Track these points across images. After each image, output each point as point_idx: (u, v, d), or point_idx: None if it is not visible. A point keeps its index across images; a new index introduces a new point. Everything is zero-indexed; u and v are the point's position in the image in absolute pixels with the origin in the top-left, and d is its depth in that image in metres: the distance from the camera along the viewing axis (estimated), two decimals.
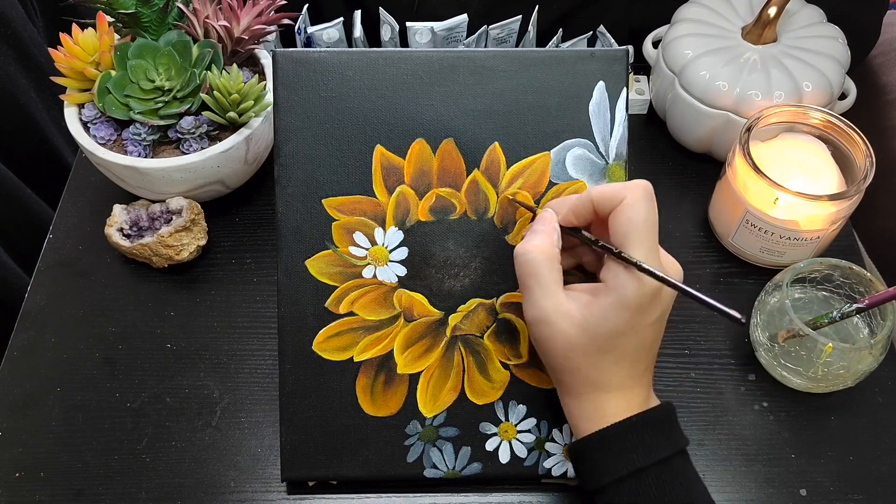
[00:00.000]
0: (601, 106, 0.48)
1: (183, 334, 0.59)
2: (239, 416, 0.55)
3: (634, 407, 0.43)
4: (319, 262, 0.48)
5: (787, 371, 0.54)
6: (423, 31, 0.69)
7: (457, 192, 0.48)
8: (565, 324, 0.41)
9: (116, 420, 0.54)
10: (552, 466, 0.50)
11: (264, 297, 0.60)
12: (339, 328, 0.49)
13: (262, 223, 0.65)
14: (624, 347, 0.42)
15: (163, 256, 0.59)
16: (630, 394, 0.43)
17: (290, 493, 0.52)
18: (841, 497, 0.51)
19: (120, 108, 0.58)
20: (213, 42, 0.59)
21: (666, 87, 0.66)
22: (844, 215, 0.57)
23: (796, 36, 0.64)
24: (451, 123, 0.48)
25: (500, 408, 0.50)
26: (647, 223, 0.41)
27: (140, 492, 0.51)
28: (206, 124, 0.58)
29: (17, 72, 0.77)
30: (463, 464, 0.50)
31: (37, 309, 0.60)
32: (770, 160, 0.60)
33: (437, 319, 0.49)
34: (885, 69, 0.79)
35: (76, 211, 0.66)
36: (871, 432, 0.54)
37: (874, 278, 0.53)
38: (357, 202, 0.48)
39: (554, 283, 0.42)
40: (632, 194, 0.41)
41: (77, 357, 0.57)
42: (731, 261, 0.63)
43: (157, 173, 0.57)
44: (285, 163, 0.48)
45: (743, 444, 0.53)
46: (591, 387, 0.43)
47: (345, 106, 0.48)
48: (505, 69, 0.48)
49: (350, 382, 0.49)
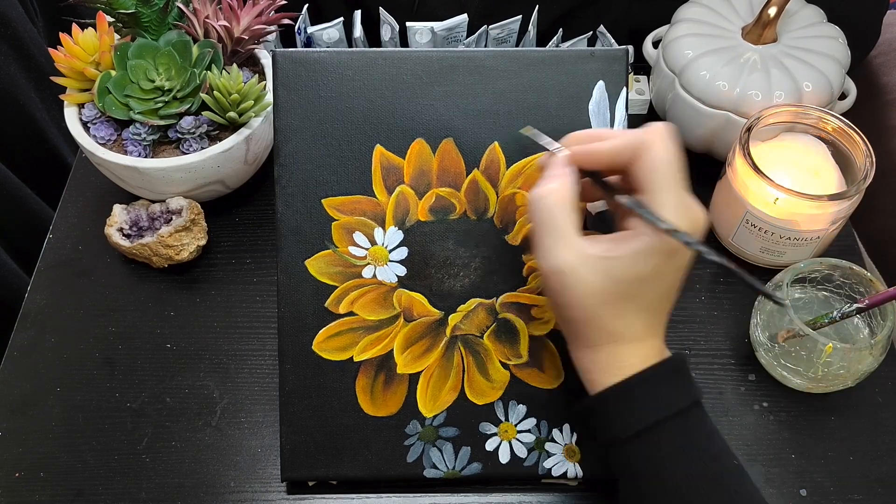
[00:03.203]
0: (601, 106, 0.48)
1: (183, 334, 0.59)
2: (239, 416, 0.55)
3: (650, 358, 0.41)
4: (319, 262, 0.48)
5: (787, 371, 0.54)
6: (423, 31, 0.69)
7: (457, 192, 0.48)
8: (586, 270, 0.39)
9: (116, 420, 0.54)
10: (552, 466, 0.50)
11: (264, 297, 0.60)
12: (339, 328, 0.49)
13: (262, 223, 0.65)
14: (647, 295, 0.40)
15: (163, 256, 0.59)
16: (647, 345, 0.42)
17: (290, 493, 0.52)
18: (841, 497, 0.51)
19: (120, 108, 0.58)
20: (213, 42, 0.59)
21: (666, 87, 0.66)
22: (844, 215, 0.57)
23: (796, 36, 0.64)
24: (450, 123, 0.48)
25: (500, 408, 0.50)
26: (671, 165, 0.40)
27: (140, 492, 0.51)
28: (206, 124, 0.58)
29: (17, 72, 0.77)
30: (463, 464, 0.50)
31: (37, 309, 0.60)
32: (770, 160, 0.60)
33: (436, 319, 0.49)
34: (885, 69, 0.79)
35: (76, 211, 0.66)
36: (871, 432, 0.54)
37: (874, 278, 0.53)
38: (357, 202, 0.48)
39: (573, 228, 0.40)
40: (652, 136, 0.40)
41: (77, 357, 0.57)
42: (731, 261, 0.63)
43: (157, 173, 0.57)
44: (285, 163, 0.48)
45: (743, 444, 0.53)
46: (608, 336, 0.41)
47: (344, 106, 0.48)
48: (505, 69, 0.48)
49: (350, 382, 0.49)
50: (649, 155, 0.40)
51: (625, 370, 0.41)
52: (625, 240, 0.40)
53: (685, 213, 0.39)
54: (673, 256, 0.40)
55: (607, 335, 0.41)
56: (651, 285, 0.40)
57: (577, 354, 0.44)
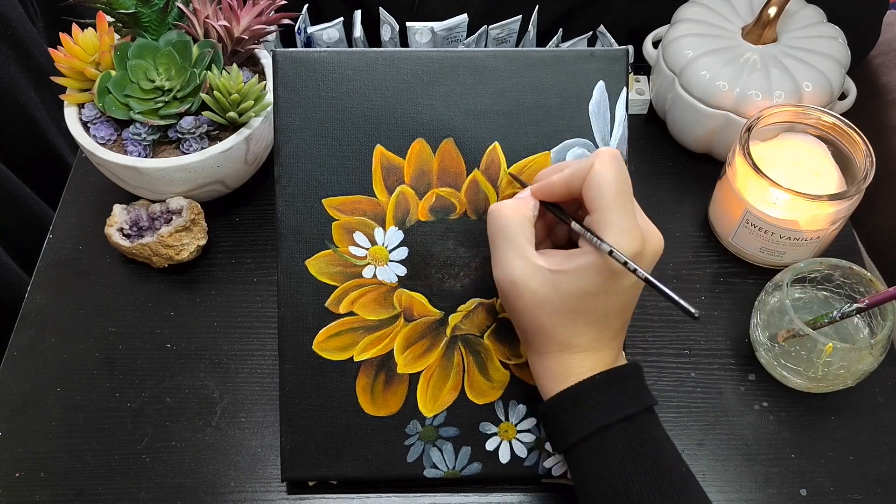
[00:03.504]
0: (601, 106, 0.48)
1: (183, 334, 0.59)
2: (239, 416, 0.55)
3: (600, 367, 0.43)
4: (319, 262, 0.48)
5: (787, 371, 0.54)
6: (423, 31, 0.69)
7: (457, 192, 0.48)
8: (536, 281, 0.41)
9: (116, 420, 0.54)
10: (552, 466, 0.50)
11: (264, 297, 0.60)
12: (339, 328, 0.49)
13: (262, 223, 0.65)
14: (595, 310, 0.42)
15: (163, 256, 0.59)
16: (596, 355, 0.43)
17: (290, 493, 0.52)
18: (841, 497, 0.51)
19: (120, 108, 0.58)
20: (213, 42, 0.59)
21: (666, 87, 0.66)
22: (844, 215, 0.57)
23: (796, 36, 0.64)
24: (451, 123, 0.48)
25: (500, 407, 0.50)
26: (617, 185, 0.41)
27: (140, 492, 0.51)
28: (206, 124, 0.58)
29: (17, 72, 0.77)
30: (463, 464, 0.50)
31: (37, 309, 0.60)
32: (770, 160, 0.60)
33: (437, 319, 0.49)
34: (885, 69, 0.79)
35: (76, 211, 0.66)
36: (871, 432, 0.54)
37: (874, 278, 0.53)
38: (357, 202, 0.48)
39: (525, 241, 0.42)
40: (598, 161, 0.41)
41: (77, 357, 0.57)
42: (731, 261, 0.63)
43: (157, 173, 0.57)
44: (285, 163, 0.48)
45: (743, 444, 0.53)
46: (557, 346, 0.43)
47: (345, 106, 0.48)
48: (505, 69, 0.48)
49: (350, 382, 0.49)
50: (594, 178, 0.41)
51: (572, 377, 0.43)
52: (573, 256, 0.42)
53: (629, 234, 0.40)
54: (618, 276, 0.41)
55: (556, 344, 0.43)
56: (598, 300, 0.42)
57: (531, 359, 0.45)
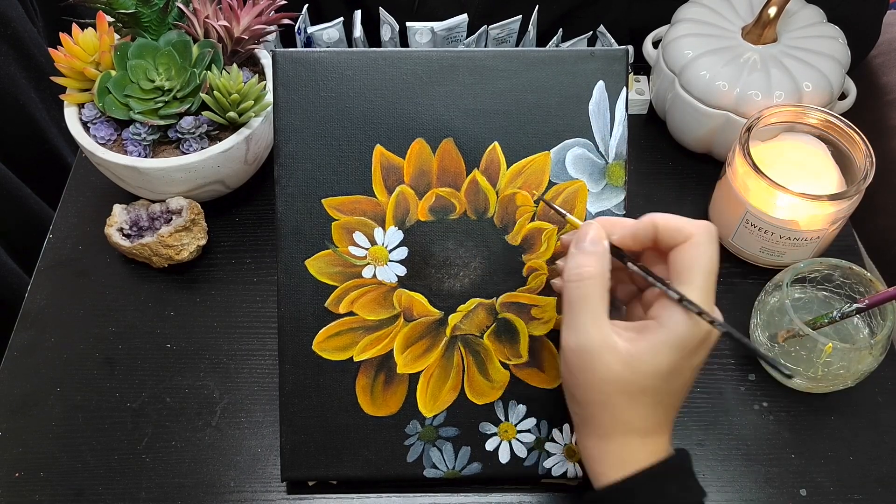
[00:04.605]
0: (601, 105, 0.48)
1: (183, 334, 0.59)
2: (239, 416, 0.55)
3: (658, 453, 0.41)
4: (319, 262, 0.48)
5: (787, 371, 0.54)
6: (423, 31, 0.69)
7: (456, 192, 0.48)
8: (610, 356, 0.39)
9: (116, 420, 0.54)
10: (552, 466, 0.50)
11: (264, 297, 0.60)
12: (339, 328, 0.49)
13: (262, 223, 0.65)
14: (664, 390, 0.40)
15: (163, 256, 0.59)
16: (655, 440, 0.41)
17: (290, 492, 0.52)
18: (841, 497, 0.51)
19: (120, 108, 0.58)
20: (213, 42, 0.59)
21: (666, 87, 0.66)
22: (844, 215, 0.57)
23: (796, 36, 0.64)
24: (450, 123, 0.48)
25: (500, 408, 0.50)
26: (710, 266, 0.40)
27: (140, 492, 0.51)
28: (206, 124, 0.58)
29: (17, 72, 0.77)
30: (463, 464, 0.50)
31: (37, 309, 0.60)
32: (770, 160, 0.60)
33: (436, 319, 0.49)
34: (885, 69, 0.79)
35: (76, 211, 0.66)
36: (871, 432, 0.54)
37: (874, 278, 0.53)
38: (357, 202, 0.48)
39: (604, 312, 0.40)
40: (700, 234, 0.40)
41: (77, 357, 0.57)
42: (731, 261, 0.63)
43: (157, 173, 0.57)
44: (285, 163, 0.48)
45: (743, 444, 0.53)
46: (621, 426, 0.41)
47: (344, 106, 0.48)
48: (505, 69, 0.48)
49: (350, 382, 0.49)
50: (693, 250, 0.40)
51: (632, 465, 0.41)
52: (646, 330, 0.40)
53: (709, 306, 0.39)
54: (693, 353, 0.40)
55: (620, 424, 0.41)
56: (668, 380, 0.40)
57: (587, 443, 0.43)
